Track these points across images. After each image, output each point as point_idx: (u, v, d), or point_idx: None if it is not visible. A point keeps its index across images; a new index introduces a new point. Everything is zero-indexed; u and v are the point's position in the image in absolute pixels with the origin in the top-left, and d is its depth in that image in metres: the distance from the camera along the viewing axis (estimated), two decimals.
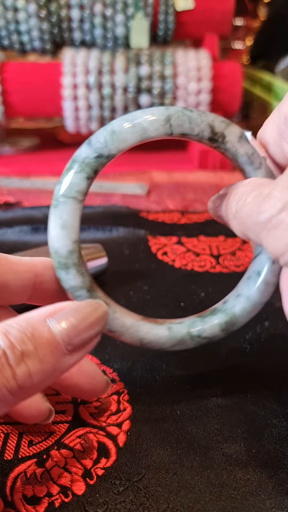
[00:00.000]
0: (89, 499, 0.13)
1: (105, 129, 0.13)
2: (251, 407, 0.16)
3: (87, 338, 0.11)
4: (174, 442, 0.14)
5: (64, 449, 0.14)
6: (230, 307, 0.15)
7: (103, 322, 0.12)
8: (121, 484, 0.13)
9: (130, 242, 0.27)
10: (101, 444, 0.14)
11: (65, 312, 0.11)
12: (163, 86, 0.38)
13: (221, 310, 0.15)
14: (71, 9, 0.39)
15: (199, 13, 0.40)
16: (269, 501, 0.13)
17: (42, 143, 0.48)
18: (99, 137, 0.13)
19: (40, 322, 0.11)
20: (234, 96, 0.40)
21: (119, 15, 0.39)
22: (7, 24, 0.39)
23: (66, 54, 0.39)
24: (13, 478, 0.13)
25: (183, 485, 0.13)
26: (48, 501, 0.13)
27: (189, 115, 0.13)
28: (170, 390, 0.16)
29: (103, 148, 0.13)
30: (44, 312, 0.11)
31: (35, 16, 0.39)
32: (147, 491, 0.13)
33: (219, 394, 0.16)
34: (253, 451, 0.14)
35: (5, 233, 0.28)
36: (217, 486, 0.13)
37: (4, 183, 0.37)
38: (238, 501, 0.13)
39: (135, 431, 0.15)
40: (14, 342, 0.10)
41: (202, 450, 0.14)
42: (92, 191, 0.36)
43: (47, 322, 0.11)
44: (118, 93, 0.38)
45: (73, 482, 0.13)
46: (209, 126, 0.13)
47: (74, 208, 0.13)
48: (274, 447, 0.14)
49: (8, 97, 0.39)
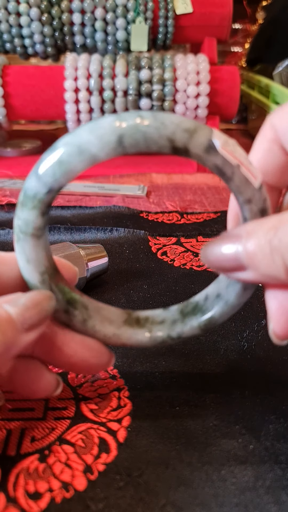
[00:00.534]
0: (90, 494, 0.13)
1: (53, 159, 0.12)
2: (249, 404, 0.16)
3: (39, 318, 0.13)
4: (173, 437, 0.15)
5: (66, 444, 0.14)
6: (210, 308, 0.15)
7: (50, 305, 0.14)
8: (122, 479, 0.13)
9: (131, 242, 0.27)
10: (102, 439, 0.15)
11: (19, 297, 0.13)
12: (163, 89, 0.39)
13: (201, 309, 0.15)
14: (73, 13, 0.40)
15: (198, 17, 0.41)
16: (266, 496, 0.13)
17: (44, 145, 0.48)
18: (48, 170, 0.12)
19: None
20: (233, 99, 0.40)
21: (120, 19, 0.40)
22: (9, 28, 0.40)
23: (67, 57, 0.39)
24: (16, 474, 0.13)
25: (182, 480, 0.13)
26: (50, 496, 0.13)
27: (144, 131, 0.11)
28: (169, 387, 0.17)
29: (53, 182, 0.12)
30: (2, 299, 0.13)
31: (37, 20, 0.39)
32: (147, 486, 0.13)
33: (217, 391, 0.16)
34: (250, 447, 0.14)
35: (8, 233, 0.28)
36: (215, 481, 0.13)
37: (7, 184, 0.37)
38: (236, 496, 0.13)
39: (135, 426, 0.15)
40: None
41: (201, 445, 0.14)
42: (93, 192, 0.36)
43: (4, 305, 0.13)
44: (119, 96, 0.39)
45: (74, 478, 0.13)
46: (168, 140, 0.11)
47: (34, 244, 0.13)
48: (272, 443, 0.14)
49: (11, 100, 0.39)
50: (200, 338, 0.19)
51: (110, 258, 0.24)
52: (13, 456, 0.14)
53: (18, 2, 0.39)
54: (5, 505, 0.12)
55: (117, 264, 0.25)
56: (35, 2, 0.39)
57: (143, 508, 0.13)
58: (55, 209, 0.33)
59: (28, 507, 0.12)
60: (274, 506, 0.13)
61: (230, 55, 0.60)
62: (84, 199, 0.35)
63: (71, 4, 0.39)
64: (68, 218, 0.32)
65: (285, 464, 0.14)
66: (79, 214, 0.32)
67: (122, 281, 0.24)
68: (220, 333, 0.20)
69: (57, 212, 0.32)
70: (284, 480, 0.13)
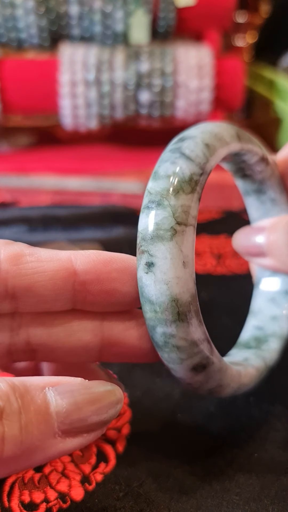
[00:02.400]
0: (87, 504, 0.12)
1: (197, 142, 0.11)
2: (254, 411, 0.15)
3: (89, 423, 0.09)
4: (174, 446, 0.14)
5: None
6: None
7: (114, 410, 0.10)
8: (121, 489, 0.13)
9: (129, 241, 0.27)
10: (100, 448, 0.14)
11: (71, 385, 0.09)
12: (163, 83, 0.38)
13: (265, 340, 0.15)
14: (70, 6, 0.39)
15: (200, 8, 0.40)
16: (272, 507, 0.12)
17: (40, 140, 0.48)
18: (197, 152, 0.11)
19: (37, 386, 0.09)
20: (236, 94, 0.40)
21: (119, 12, 0.39)
22: (5, 21, 0.39)
23: (64, 51, 0.38)
24: (11, 483, 0.13)
25: (184, 491, 0.13)
26: (46, 507, 0.12)
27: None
28: (170, 394, 0.16)
29: (204, 163, 0.11)
30: (46, 380, 0.09)
31: (33, 13, 0.39)
32: (148, 497, 0.13)
33: (221, 398, 0.16)
34: (255, 455, 0.14)
35: (3, 232, 0.28)
36: (218, 491, 0.13)
37: (1, 181, 0.36)
38: (240, 507, 0.12)
39: (135, 435, 0.14)
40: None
41: (203, 454, 0.14)
42: (91, 189, 0.35)
43: (45, 389, 0.09)
44: (118, 90, 0.38)
45: (71, 488, 0.13)
46: None
47: (193, 239, 0.10)
48: (277, 452, 0.14)
49: (6, 94, 0.39)
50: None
51: None
52: None
53: None
54: None
55: None
56: None
57: None
58: (51, 207, 0.32)
59: None
60: None
61: (233, 48, 0.59)
62: (82, 197, 0.35)
63: None
64: (65, 217, 0.31)
65: None
66: (75, 212, 0.32)
67: None
68: (224, 336, 0.19)
69: (53, 211, 0.32)
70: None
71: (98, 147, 0.47)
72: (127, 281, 0.11)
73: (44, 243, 0.26)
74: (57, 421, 0.09)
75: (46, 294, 0.11)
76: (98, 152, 0.45)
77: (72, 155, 0.44)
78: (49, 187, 0.36)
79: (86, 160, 0.43)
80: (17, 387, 0.09)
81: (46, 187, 0.36)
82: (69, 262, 0.11)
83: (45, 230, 0.28)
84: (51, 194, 0.35)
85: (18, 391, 0.09)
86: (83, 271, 0.11)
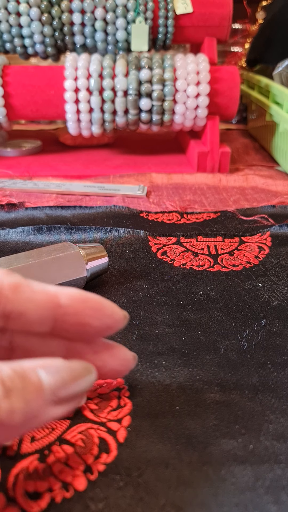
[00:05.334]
0: (90, 494, 0.13)
1: None
2: (249, 404, 0.16)
3: (73, 394, 0.12)
4: (173, 437, 0.15)
5: (66, 444, 0.14)
6: None
7: (90, 382, 0.12)
8: (122, 479, 0.13)
9: (131, 242, 0.28)
10: (102, 439, 0.15)
11: (57, 366, 0.12)
12: (163, 89, 0.39)
13: None
14: (73, 13, 0.40)
15: (198, 17, 0.41)
16: (266, 496, 0.13)
17: (44, 145, 0.48)
18: None
19: (31, 368, 0.11)
20: (233, 99, 0.40)
21: (120, 19, 0.40)
22: (10, 28, 0.40)
23: (67, 57, 0.39)
24: (16, 474, 0.13)
25: (182, 480, 0.13)
26: (50, 496, 0.13)
27: None
28: (169, 386, 0.17)
29: None
30: (37, 362, 0.12)
31: (37, 20, 0.39)
32: (147, 486, 0.13)
33: (217, 391, 0.16)
34: (250, 446, 0.14)
35: (8, 233, 0.28)
36: (215, 481, 0.13)
37: (7, 184, 0.37)
38: (236, 496, 0.13)
39: (135, 426, 0.15)
40: (5, 377, 0.11)
41: (201, 445, 0.14)
42: (93, 192, 0.36)
43: (37, 370, 0.11)
44: (119, 96, 0.39)
45: (74, 478, 0.13)
46: None
47: None
48: (271, 443, 0.14)
49: (11, 99, 0.39)
50: (200, 338, 0.19)
51: (110, 258, 0.24)
52: (12, 456, 0.14)
53: (18, 2, 0.39)
54: (5, 505, 0.12)
55: (117, 264, 0.25)
56: (35, 2, 0.39)
57: (143, 508, 0.13)
58: (55, 209, 0.33)
59: (28, 507, 0.12)
60: (273, 506, 0.13)
61: (230, 55, 0.60)
62: (84, 199, 0.36)
63: (71, 4, 0.39)
64: (68, 218, 0.32)
65: (284, 464, 0.14)
66: (79, 214, 0.32)
67: (122, 281, 0.24)
68: (220, 333, 0.20)
69: (57, 212, 0.32)
70: (284, 480, 0.13)
71: (100, 152, 0.47)
72: (98, 317, 0.14)
73: (49, 244, 0.27)
74: (49, 394, 0.11)
75: (34, 319, 0.13)
76: (100, 156, 0.46)
77: (76, 159, 0.45)
78: (54, 190, 0.36)
79: (89, 164, 0.44)
80: (17, 371, 0.11)
81: (51, 190, 0.37)
82: (55, 296, 0.13)
83: (49, 231, 0.28)
84: (55, 197, 0.36)
85: (19, 374, 0.11)
86: (66, 305, 0.13)
